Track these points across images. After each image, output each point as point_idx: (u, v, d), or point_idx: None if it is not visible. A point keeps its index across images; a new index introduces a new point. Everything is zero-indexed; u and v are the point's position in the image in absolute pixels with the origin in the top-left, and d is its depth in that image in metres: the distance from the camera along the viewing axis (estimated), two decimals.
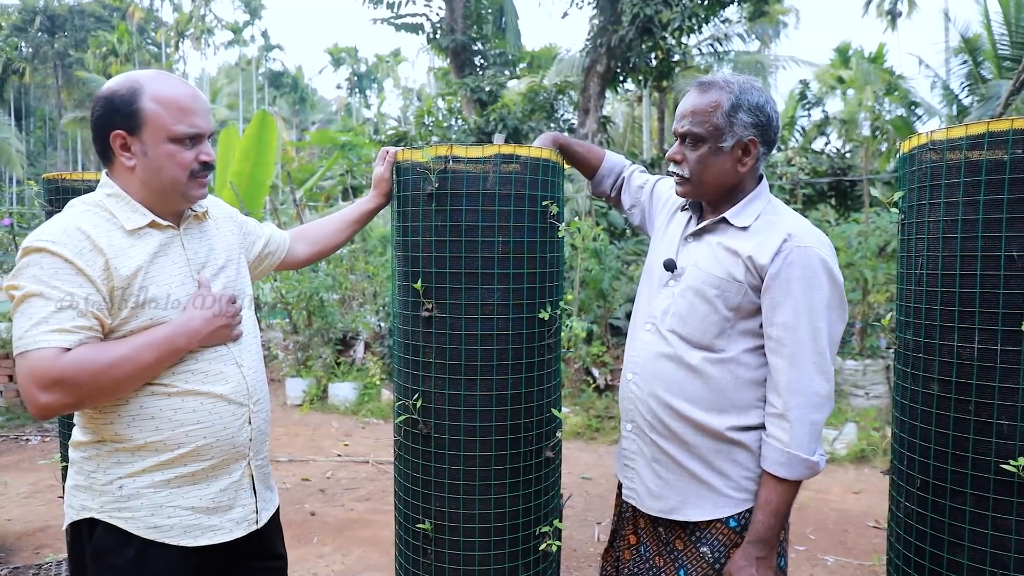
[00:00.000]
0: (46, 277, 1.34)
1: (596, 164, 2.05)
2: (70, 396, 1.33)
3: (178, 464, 1.47)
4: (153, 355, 1.41)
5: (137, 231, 1.46)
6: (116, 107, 1.43)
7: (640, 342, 1.71)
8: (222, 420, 1.51)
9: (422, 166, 1.86)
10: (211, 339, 1.50)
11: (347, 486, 4.77)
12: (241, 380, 1.56)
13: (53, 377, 1.30)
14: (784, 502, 1.55)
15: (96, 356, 1.35)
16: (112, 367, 1.36)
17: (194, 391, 1.47)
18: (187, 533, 1.48)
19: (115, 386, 1.38)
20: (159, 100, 1.43)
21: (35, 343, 1.31)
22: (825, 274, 1.52)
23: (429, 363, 1.90)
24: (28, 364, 1.31)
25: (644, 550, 1.73)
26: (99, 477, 1.45)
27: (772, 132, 1.61)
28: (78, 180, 2.56)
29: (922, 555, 1.70)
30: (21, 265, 1.36)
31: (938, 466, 1.66)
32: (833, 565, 3.53)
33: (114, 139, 1.44)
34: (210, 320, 1.48)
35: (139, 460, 1.45)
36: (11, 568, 3.36)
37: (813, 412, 1.52)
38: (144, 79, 1.45)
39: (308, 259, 2.03)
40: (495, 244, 1.85)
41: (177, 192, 1.49)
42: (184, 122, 1.45)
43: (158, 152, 1.44)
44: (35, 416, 1.34)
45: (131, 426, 1.43)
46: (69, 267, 1.35)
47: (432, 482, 1.93)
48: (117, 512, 1.44)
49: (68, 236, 1.37)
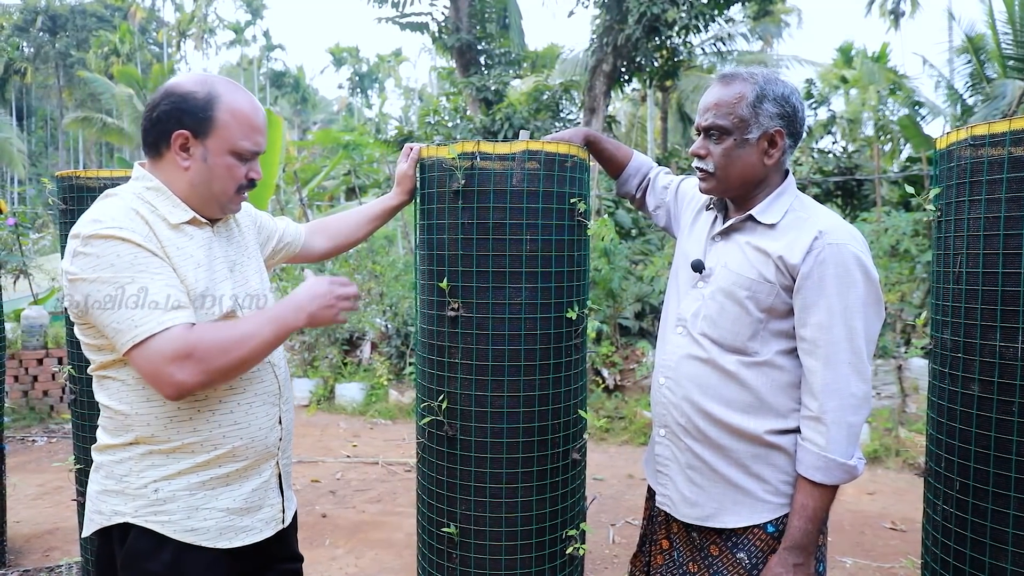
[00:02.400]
0: (128, 264, 1.31)
1: (624, 163, 2.02)
2: (202, 372, 1.30)
3: (213, 465, 1.44)
4: (272, 331, 1.39)
5: (179, 226, 1.44)
6: (189, 109, 1.41)
7: (671, 345, 1.67)
8: (257, 421, 1.50)
9: (448, 163, 1.83)
10: (321, 320, 1.48)
11: (357, 487, 4.74)
12: (274, 380, 1.55)
13: (187, 351, 1.29)
14: (822, 507, 1.50)
15: (223, 332, 1.34)
16: (239, 342, 1.34)
17: (231, 392, 1.46)
18: (222, 535, 1.45)
19: (240, 363, 1.36)
20: (234, 113, 1.43)
21: (160, 324, 1.29)
22: (860, 271, 1.47)
23: (455, 363, 1.86)
24: (157, 347, 1.28)
25: (677, 555, 1.69)
26: (132, 480, 1.42)
27: (798, 123, 1.57)
28: (92, 177, 2.52)
29: (961, 559, 1.66)
30: (89, 256, 1.31)
31: (979, 468, 1.63)
32: (852, 567, 3.49)
33: (176, 137, 1.42)
34: (319, 299, 1.47)
35: (174, 462, 1.42)
36: (22, 571, 3.33)
37: (850, 414, 1.47)
38: (223, 89, 1.44)
39: (326, 253, 2.00)
40: (523, 242, 1.81)
41: (219, 202, 1.49)
42: (250, 139, 1.46)
43: (217, 162, 1.44)
44: (171, 397, 1.33)
45: (168, 427, 1.41)
46: (144, 251, 1.33)
47: (458, 485, 1.89)
48: (152, 516, 1.41)
49: (133, 222, 1.35)
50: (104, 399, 1.43)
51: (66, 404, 6.75)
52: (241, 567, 1.52)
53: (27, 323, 6.71)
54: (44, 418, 6.61)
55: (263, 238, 1.79)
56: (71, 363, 2.64)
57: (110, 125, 26.03)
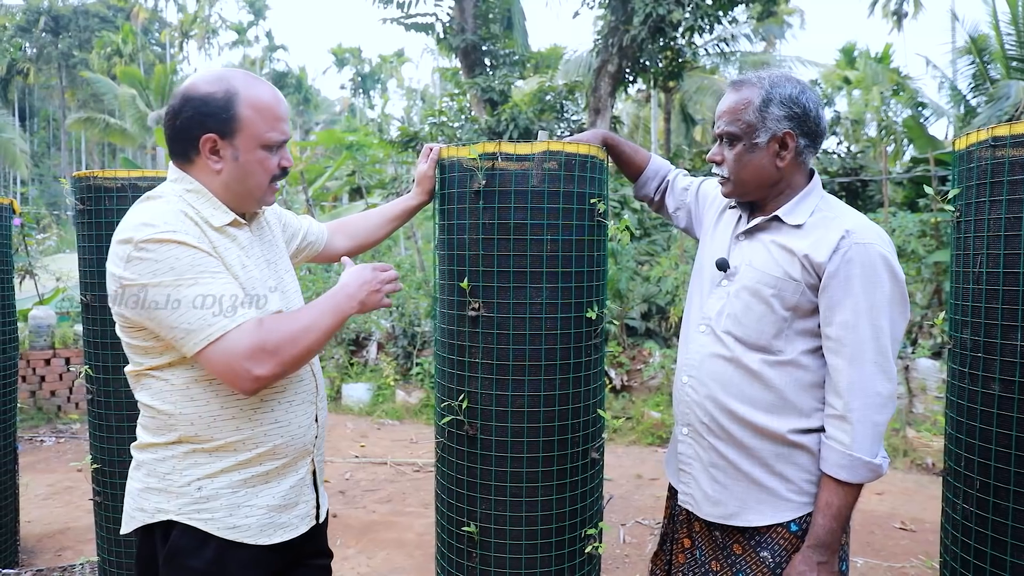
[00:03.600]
0: (187, 267, 1.31)
1: (642, 166, 2.02)
2: (277, 364, 1.33)
3: (255, 463, 1.46)
4: (332, 319, 1.44)
5: (222, 228, 1.45)
6: (211, 111, 1.40)
7: (695, 344, 1.67)
8: (296, 419, 1.51)
9: (468, 163, 1.83)
10: (370, 305, 1.52)
11: (367, 488, 4.75)
12: (312, 379, 1.57)
13: (261, 345, 1.31)
14: (846, 505, 1.51)
15: (288, 323, 1.37)
16: (305, 332, 1.37)
17: (273, 391, 1.47)
18: (263, 532, 1.47)
19: (308, 352, 1.39)
20: (255, 106, 1.42)
21: (232, 322, 1.31)
22: (886, 271, 1.48)
23: (476, 363, 1.87)
24: (230, 346, 1.30)
25: (699, 554, 1.69)
26: (175, 479, 1.43)
27: (812, 122, 1.56)
28: (109, 178, 2.53)
29: (982, 557, 1.67)
30: (146, 260, 1.31)
31: (1000, 467, 1.63)
32: (863, 567, 3.49)
33: (204, 142, 1.41)
34: (367, 286, 1.51)
35: (217, 460, 1.43)
36: (35, 570, 3.34)
37: (876, 413, 1.47)
38: (239, 83, 1.42)
39: (347, 252, 2.01)
40: (543, 242, 1.82)
41: (255, 196, 1.50)
42: (276, 129, 1.45)
43: (249, 158, 1.44)
44: (250, 392, 1.35)
45: (212, 427, 1.42)
46: (200, 253, 1.34)
47: (478, 484, 1.90)
48: (196, 513, 1.42)
49: (185, 225, 1.36)
50: (146, 399, 1.44)
51: (73, 404, 6.75)
52: (280, 564, 1.54)
53: (34, 323, 6.72)
54: (51, 418, 6.63)
55: (288, 236, 1.80)
56: (87, 363, 2.65)
57: (113, 126, 26.06)
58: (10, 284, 3.28)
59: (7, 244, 3.23)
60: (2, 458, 3.24)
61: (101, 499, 2.68)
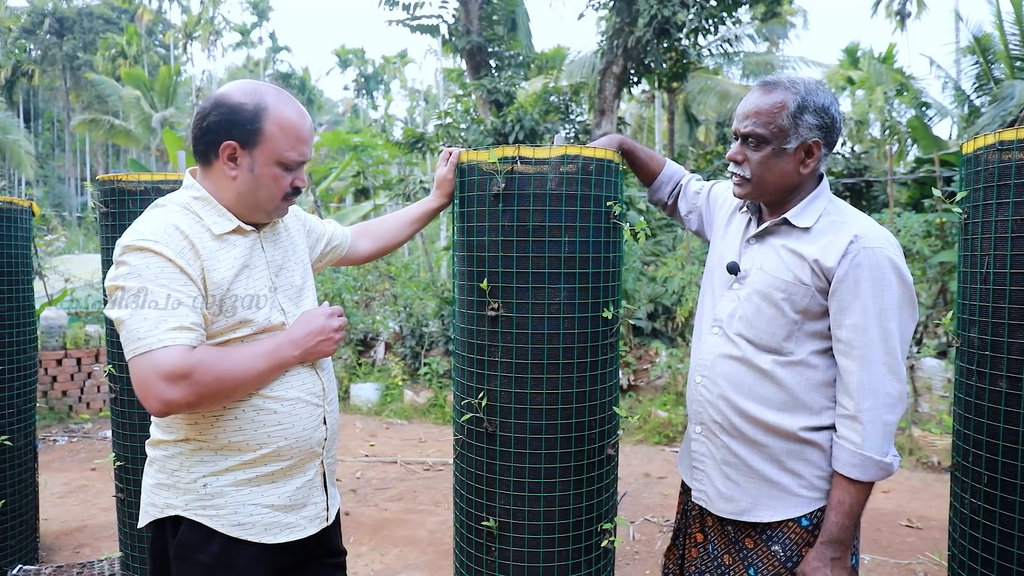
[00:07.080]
0: (153, 277, 1.35)
1: (657, 171, 2.07)
2: (194, 394, 1.33)
3: (259, 464, 1.49)
4: (267, 365, 1.45)
5: (223, 236, 1.48)
6: (238, 120, 1.44)
7: (707, 345, 1.72)
8: (301, 422, 1.53)
9: (487, 167, 1.88)
10: (315, 353, 1.53)
11: (378, 486, 4.80)
12: (317, 381, 1.59)
13: (183, 372, 1.31)
14: (858, 503, 1.55)
15: (220, 359, 1.37)
16: (233, 372, 1.38)
17: (274, 393, 1.49)
18: (267, 531, 1.50)
19: (231, 392, 1.41)
20: (280, 125, 1.46)
21: (160, 341, 1.31)
22: (894, 274, 1.51)
23: (495, 362, 1.92)
24: (154, 362, 1.31)
25: (712, 548, 1.74)
26: (183, 475, 1.47)
27: (835, 133, 1.60)
28: (132, 181, 2.58)
29: (990, 551, 1.72)
30: (124, 264, 1.37)
31: (1007, 462, 1.68)
32: (870, 564, 3.54)
33: (224, 148, 1.45)
34: (314, 335, 1.52)
35: (222, 459, 1.47)
36: (55, 567, 3.40)
37: (886, 413, 1.51)
38: (271, 100, 1.46)
39: (370, 255, 2.06)
40: (561, 244, 1.87)
41: (265, 209, 1.53)
42: (296, 150, 1.49)
43: (264, 172, 1.48)
44: (157, 413, 1.35)
45: (215, 426, 1.46)
46: (172, 267, 1.37)
47: (497, 480, 1.95)
48: (202, 510, 1.46)
49: (169, 236, 1.39)
50: None
51: (84, 404, 6.79)
52: (287, 562, 1.57)
53: (46, 324, 6.78)
54: (63, 418, 6.69)
55: (312, 240, 1.83)
56: (111, 362, 2.70)
57: (117, 127, 26.14)
58: (30, 286, 3.34)
59: (27, 246, 3.28)
60: (22, 456, 3.30)
61: (124, 496, 2.73)
